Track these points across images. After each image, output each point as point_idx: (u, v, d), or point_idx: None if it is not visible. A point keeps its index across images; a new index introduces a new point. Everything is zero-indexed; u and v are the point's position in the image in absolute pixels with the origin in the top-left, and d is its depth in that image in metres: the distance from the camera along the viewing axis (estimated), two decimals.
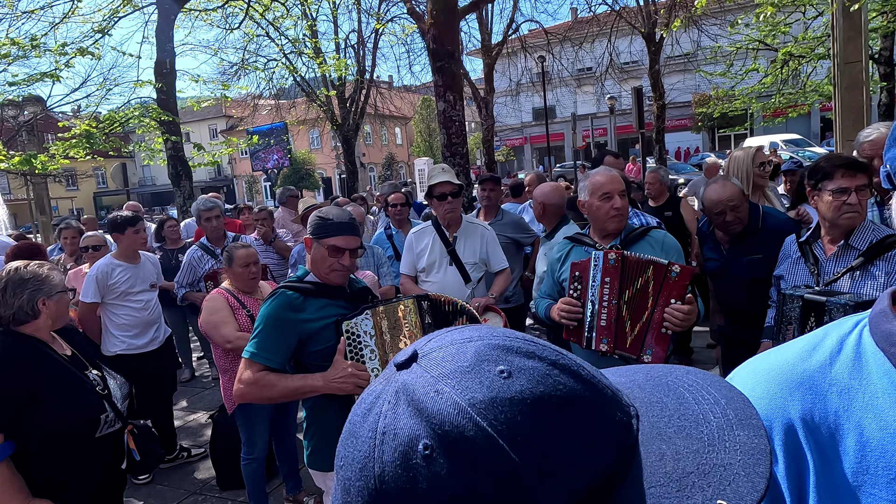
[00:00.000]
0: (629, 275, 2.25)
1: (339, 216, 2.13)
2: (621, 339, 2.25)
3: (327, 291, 2.11)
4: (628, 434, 0.41)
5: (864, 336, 0.63)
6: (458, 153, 8.25)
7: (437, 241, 3.47)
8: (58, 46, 8.55)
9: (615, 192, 2.42)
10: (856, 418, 0.60)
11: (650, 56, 17.27)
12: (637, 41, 19.18)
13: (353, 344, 2.00)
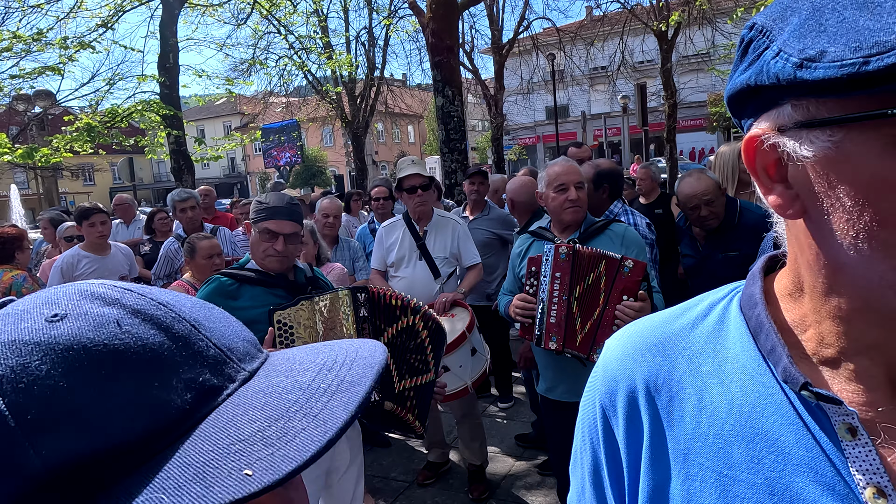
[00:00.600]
0: (581, 270, 2.14)
1: (277, 200, 2.10)
2: (571, 336, 2.15)
3: (266, 280, 2.06)
4: (206, 398, 0.38)
5: (734, 302, 0.59)
6: (457, 149, 8.16)
7: (408, 235, 3.41)
8: (60, 40, 8.59)
9: (570, 183, 2.32)
10: (699, 383, 0.56)
11: (662, 54, 16.98)
12: (650, 40, 18.89)
13: (285, 335, 1.95)
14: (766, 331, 0.53)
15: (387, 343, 2.02)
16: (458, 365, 2.97)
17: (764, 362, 0.53)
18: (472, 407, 3.46)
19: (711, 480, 0.53)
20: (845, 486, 0.47)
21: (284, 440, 0.36)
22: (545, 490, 3.35)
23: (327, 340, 1.93)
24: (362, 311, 1.99)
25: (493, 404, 4.68)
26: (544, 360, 2.47)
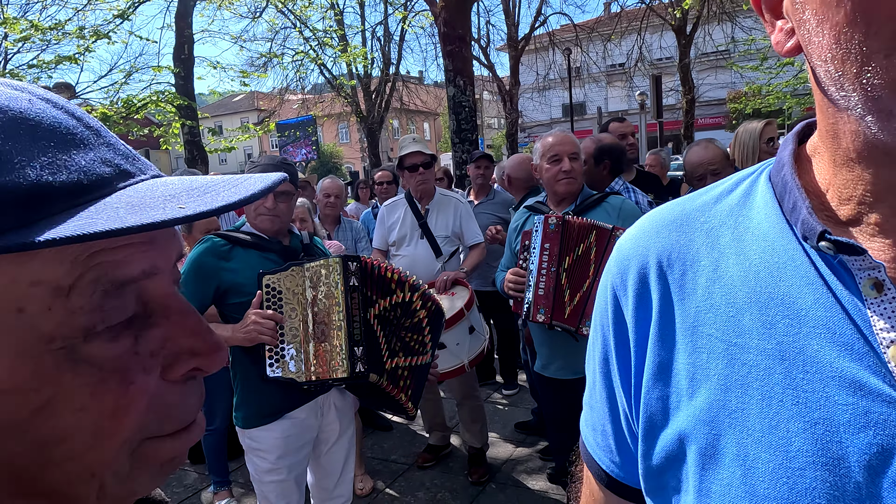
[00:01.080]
0: (570, 241, 2.08)
1: (267, 160, 2.07)
2: (559, 309, 2.09)
3: (259, 244, 2.02)
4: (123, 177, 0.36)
5: (764, 174, 0.54)
6: (468, 139, 8.10)
7: (409, 213, 3.37)
8: (76, 30, 8.68)
9: (564, 154, 2.26)
10: (716, 255, 0.52)
11: (680, 49, 16.77)
12: (668, 36, 18.64)
13: (274, 300, 1.92)
14: (789, 189, 0.49)
15: (377, 315, 1.98)
16: (456, 343, 2.93)
17: (787, 225, 0.49)
18: (473, 388, 3.41)
19: (719, 350, 0.48)
20: (865, 345, 0.42)
21: (209, 194, 0.35)
22: (546, 475, 3.29)
23: (316, 308, 1.90)
24: (353, 280, 1.93)
25: (498, 391, 4.63)
26: (539, 338, 2.42)
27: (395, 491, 3.28)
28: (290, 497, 2.06)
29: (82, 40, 8.89)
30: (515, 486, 3.25)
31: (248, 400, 2.01)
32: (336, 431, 2.15)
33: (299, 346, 1.90)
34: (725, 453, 0.46)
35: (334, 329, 1.88)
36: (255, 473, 2.06)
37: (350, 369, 1.85)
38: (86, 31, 8.91)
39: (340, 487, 2.23)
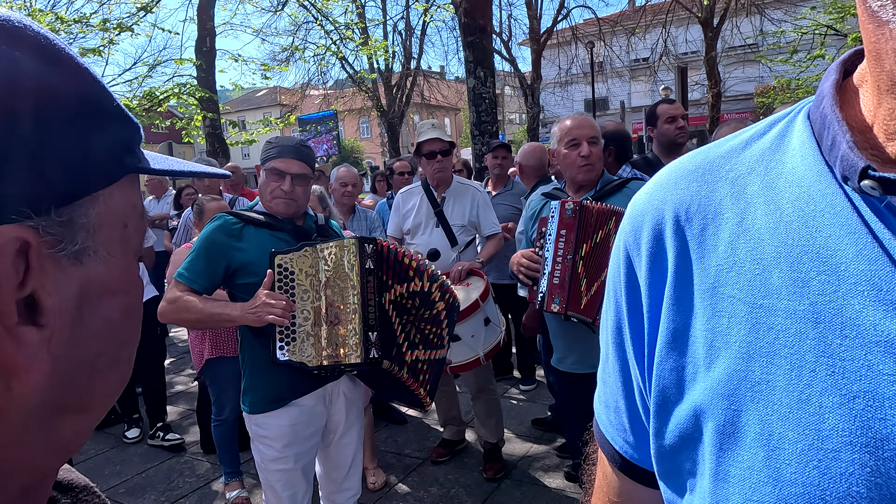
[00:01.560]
0: (588, 227, 1.98)
1: (285, 141, 2.01)
2: (575, 299, 1.98)
3: (272, 223, 1.98)
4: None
5: (802, 112, 0.46)
6: (488, 132, 7.98)
7: (425, 201, 3.28)
8: (100, 22, 8.76)
9: (583, 138, 2.15)
10: (742, 206, 0.45)
11: (706, 42, 16.40)
12: (694, 29, 18.27)
13: (285, 280, 1.85)
14: (828, 124, 0.41)
15: (392, 301, 1.91)
16: (471, 335, 2.85)
17: (825, 167, 0.41)
18: (488, 382, 3.33)
19: (742, 314, 0.42)
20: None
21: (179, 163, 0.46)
22: (564, 473, 3.19)
23: (329, 290, 1.81)
24: (368, 262, 1.85)
25: (515, 386, 4.53)
26: (555, 329, 2.32)
27: (408, 486, 3.21)
28: (295, 487, 2.00)
29: (106, 33, 8.97)
30: (532, 483, 3.15)
31: (256, 384, 1.96)
32: (344, 421, 2.09)
33: (311, 330, 1.83)
34: (747, 432, 0.40)
35: (348, 313, 1.82)
36: (261, 461, 2.01)
37: (364, 355, 1.79)
38: (109, 23, 8.98)
39: (350, 480, 2.16)
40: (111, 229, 0.36)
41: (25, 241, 0.30)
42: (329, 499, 2.19)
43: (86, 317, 0.34)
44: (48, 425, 0.34)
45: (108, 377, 0.37)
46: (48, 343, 0.32)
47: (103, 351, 0.36)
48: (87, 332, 0.35)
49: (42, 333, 0.32)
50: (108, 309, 0.36)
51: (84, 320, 0.34)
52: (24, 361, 0.31)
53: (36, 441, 0.34)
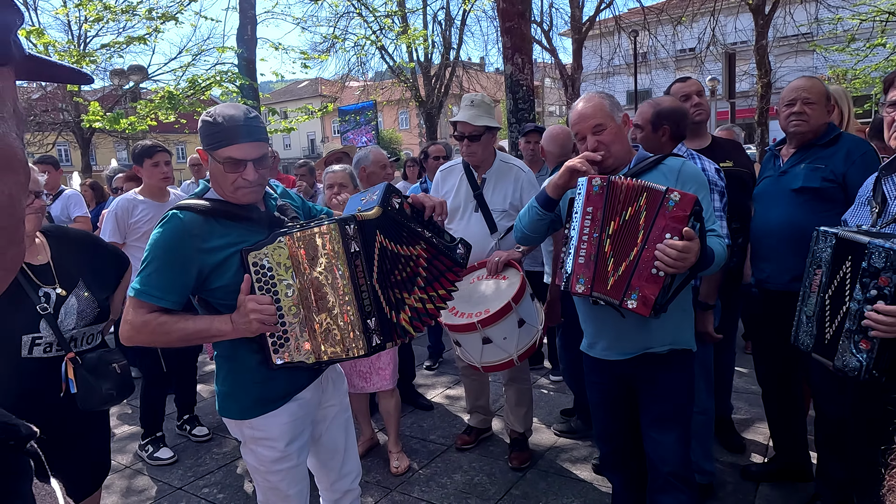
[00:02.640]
0: (616, 204, 1.86)
1: (231, 117, 1.64)
2: (601, 279, 1.86)
3: (234, 211, 1.69)
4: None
5: None
6: (524, 119, 7.83)
7: (465, 182, 3.09)
8: (146, 11, 8.96)
9: (585, 132, 2.03)
10: None
11: (757, 31, 15.74)
12: (744, 17, 17.56)
13: (264, 279, 1.64)
14: None
15: (378, 277, 1.68)
16: (503, 337, 2.72)
17: None
18: (521, 371, 3.22)
19: None
20: None
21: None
22: (592, 465, 3.09)
23: (317, 283, 1.61)
24: (353, 245, 1.62)
25: (545, 376, 4.43)
26: (584, 313, 2.22)
27: (431, 471, 3.16)
28: (301, 482, 1.86)
29: (152, 21, 9.17)
30: (558, 474, 3.06)
31: (245, 389, 1.76)
32: (335, 406, 1.97)
33: (303, 326, 1.65)
34: None
35: (342, 304, 1.63)
36: (260, 465, 1.81)
37: (367, 345, 1.64)
38: (155, 12, 9.18)
39: (348, 464, 2.02)
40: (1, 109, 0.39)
41: None
42: (331, 489, 2.03)
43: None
44: None
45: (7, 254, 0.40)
46: None
47: (4, 225, 0.39)
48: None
49: None
50: (7, 185, 0.39)
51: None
52: None
53: None
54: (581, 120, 2.04)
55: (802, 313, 1.95)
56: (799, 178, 2.49)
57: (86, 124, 10.19)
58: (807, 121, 2.47)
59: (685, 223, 1.73)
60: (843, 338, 1.76)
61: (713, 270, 1.96)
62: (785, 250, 2.47)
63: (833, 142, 2.49)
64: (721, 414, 3.27)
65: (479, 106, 3.03)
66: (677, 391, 2.09)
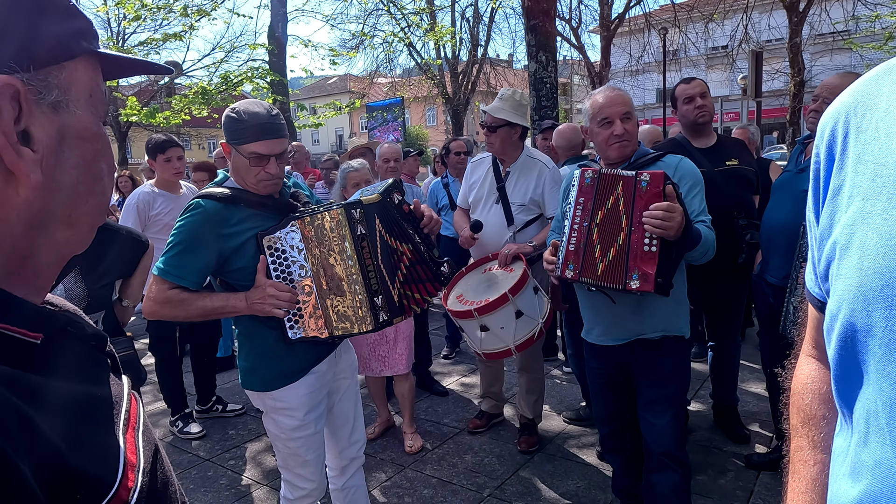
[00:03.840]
0: (603, 195, 1.98)
1: (255, 115, 1.78)
2: (589, 266, 1.98)
3: (253, 199, 1.84)
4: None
5: None
6: (548, 116, 7.90)
7: (490, 174, 3.20)
8: (181, 9, 9.26)
9: (616, 115, 2.12)
10: (892, 96, 0.60)
11: (791, 28, 15.46)
12: (778, 14, 17.24)
13: (279, 260, 1.79)
14: None
15: (383, 257, 1.85)
16: (500, 326, 2.82)
17: None
18: (534, 361, 3.34)
19: (869, 172, 0.58)
20: None
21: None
22: (597, 452, 3.20)
23: (326, 263, 1.80)
24: (360, 228, 1.78)
25: (559, 368, 4.54)
26: (583, 301, 2.34)
27: (443, 452, 3.31)
28: (319, 448, 2.02)
29: (187, 18, 9.48)
30: (564, 458, 3.18)
31: (267, 363, 1.91)
32: (347, 378, 2.12)
33: (316, 304, 1.81)
34: (853, 244, 0.58)
35: (350, 283, 1.78)
36: (280, 433, 1.95)
37: (374, 321, 1.79)
38: (190, 9, 9.49)
39: (356, 433, 2.18)
40: (78, 93, 0.52)
41: (16, 88, 0.46)
42: (340, 456, 2.18)
43: (66, 153, 0.51)
44: (48, 230, 0.51)
45: (88, 201, 0.54)
46: (40, 163, 0.49)
47: (82, 180, 0.53)
48: (69, 163, 0.52)
49: (35, 156, 0.49)
50: (82, 150, 0.53)
51: (65, 155, 0.51)
52: (25, 170, 0.47)
53: (41, 239, 0.51)
54: (612, 104, 2.14)
55: (790, 304, 2.03)
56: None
57: (123, 118, 10.59)
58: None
59: (661, 197, 1.85)
60: None
61: (701, 252, 2.04)
62: (786, 248, 2.52)
63: None
64: (727, 404, 3.35)
65: (507, 100, 3.14)
66: (671, 376, 2.20)
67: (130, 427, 0.55)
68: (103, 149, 0.55)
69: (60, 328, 0.52)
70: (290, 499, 2.06)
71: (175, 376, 3.75)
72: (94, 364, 0.56)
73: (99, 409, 0.53)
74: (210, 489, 3.04)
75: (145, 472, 0.53)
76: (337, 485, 2.22)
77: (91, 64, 0.54)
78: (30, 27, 0.48)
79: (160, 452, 0.59)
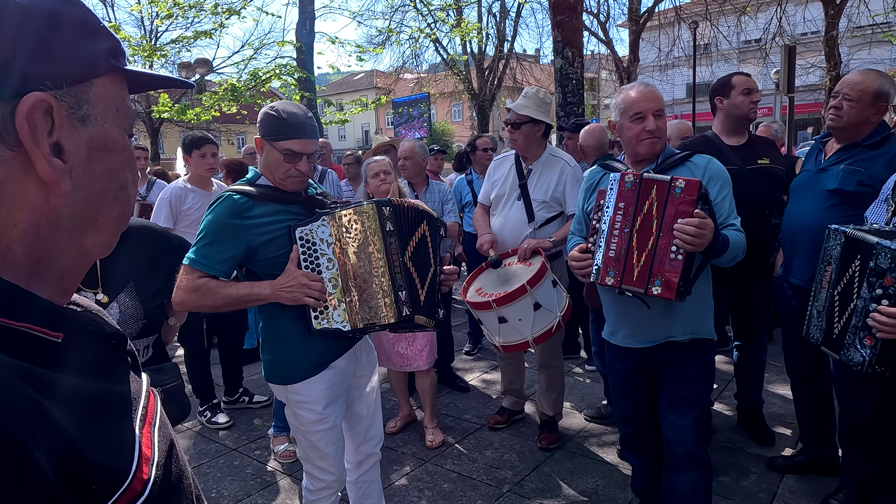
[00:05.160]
0: (643, 199, 1.97)
1: (294, 115, 1.88)
2: (629, 272, 1.97)
3: (280, 196, 1.92)
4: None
5: None
6: (573, 113, 7.85)
7: (513, 172, 3.23)
8: (212, 7, 9.43)
9: (649, 111, 2.10)
10: None
11: (827, 21, 15.03)
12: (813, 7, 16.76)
13: (308, 252, 1.87)
14: None
15: (410, 256, 1.93)
16: (518, 318, 2.84)
17: None
18: (554, 357, 3.35)
19: None
20: None
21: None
22: (617, 451, 3.19)
23: (354, 257, 1.87)
24: (388, 225, 1.86)
25: (581, 366, 4.53)
26: (608, 302, 2.33)
27: (463, 447, 3.34)
28: (338, 442, 2.07)
29: (217, 16, 9.65)
30: (584, 456, 3.18)
31: (289, 356, 1.97)
32: (367, 376, 2.17)
33: (340, 296, 1.87)
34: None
35: (376, 277, 1.85)
36: (301, 425, 2.01)
37: (397, 314, 1.85)
38: (220, 8, 9.66)
39: (373, 429, 2.22)
40: (106, 108, 0.56)
41: (49, 104, 0.50)
42: (356, 451, 2.23)
43: (94, 163, 0.55)
44: (76, 235, 0.55)
45: (114, 207, 0.58)
46: (70, 173, 0.53)
47: (108, 188, 0.57)
48: (96, 173, 0.56)
49: (66, 166, 0.53)
50: (109, 161, 0.57)
51: (93, 165, 0.55)
52: (56, 179, 0.51)
53: (69, 245, 0.55)
54: (646, 99, 2.13)
55: (813, 307, 2.01)
56: (835, 179, 2.44)
57: (156, 115, 10.84)
58: (841, 116, 2.43)
59: (694, 206, 1.84)
60: (850, 333, 1.82)
61: (729, 258, 2.03)
62: (810, 249, 2.45)
63: (879, 144, 2.40)
64: (751, 405, 3.31)
65: (531, 98, 3.18)
66: (697, 377, 2.18)
67: (147, 422, 0.58)
68: (128, 159, 0.59)
69: (81, 327, 0.56)
70: (311, 489, 2.11)
71: (203, 368, 3.86)
72: (114, 362, 0.59)
73: (116, 404, 0.55)
74: (236, 478, 3.12)
75: (159, 465, 0.56)
76: (352, 477, 2.27)
77: (118, 80, 0.58)
78: (63, 47, 0.51)
79: (175, 447, 0.61)
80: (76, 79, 0.52)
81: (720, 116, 3.04)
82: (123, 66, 0.58)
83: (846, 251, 1.84)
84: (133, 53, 10.77)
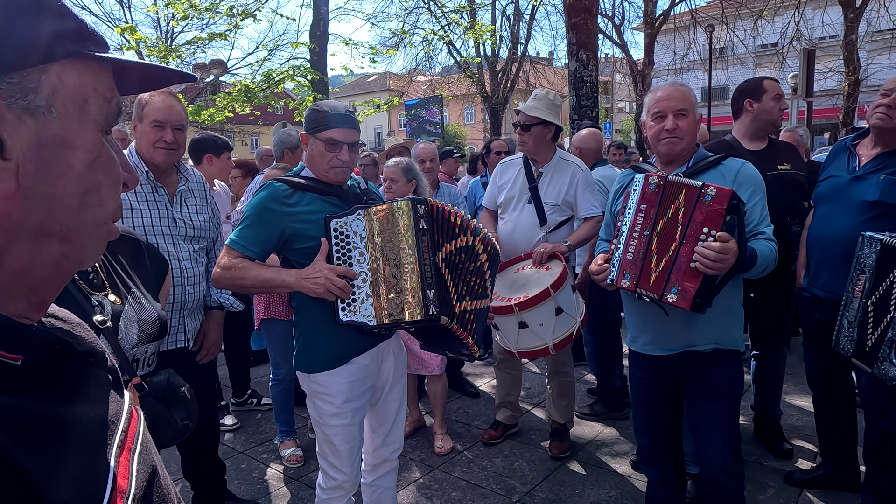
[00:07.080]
0: (667, 203, 1.90)
1: (335, 108, 1.98)
2: (646, 276, 1.92)
3: (321, 188, 1.99)
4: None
5: None
6: (587, 116, 7.78)
7: (522, 175, 3.18)
8: (227, 9, 9.48)
9: (670, 110, 2.03)
10: None
11: (846, 25, 14.82)
12: (832, 11, 16.52)
13: (341, 244, 1.90)
14: None
15: (444, 259, 1.94)
16: (539, 323, 2.79)
17: None
18: (564, 364, 3.29)
19: None
20: None
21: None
22: (630, 461, 3.12)
23: (386, 252, 1.88)
24: (421, 223, 1.87)
25: (591, 373, 4.46)
26: (629, 308, 2.27)
27: (472, 454, 3.29)
28: (353, 441, 2.06)
29: (232, 18, 9.70)
30: (596, 465, 3.12)
31: (316, 345, 2.01)
32: (392, 378, 2.15)
33: (369, 291, 1.88)
34: None
35: (406, 273, 1.85)
36: (319, 417, 2.05)
37: (424, 312, 1.84)
38: (235, 10, 9.70)
39: (393, 434, 2.22)
40: (67, 99, 0.48)
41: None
42: (374, 454, 2.22)
43: (50, 162, 0.47)
44: (38, 244, 0.48)
45: (81, 214, 0.49)
46: (15, 172, 0.45)
47: (70, 192, 0.48)
48: (52, 173, 0.47)
49: (7, 164, 0.44)
50: (70, 159, 0.48)
51: (48, 164, 0.47)
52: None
53: (32, 254, 0.48)
54: (668, 99, 2.07)
55: (844, 318, 1.94)
56: (876, 189, 2.26)
57: None
58: (892, 117, 2.26)
59: (722, 217, 1.77)
60: (885, 346, 1.75)
61: (757, 272, 1.96)
62: (842, 262, 2.29)
63: None
64: (769, 417, 3.23)
65: (541, 100, 3.14)
66: (724, 389, 2.10)
67: (126, 448, 0.52)
68: (100, 159, 0.50)
69: (47, 346, 0.49)
70: (323, 488, 2.11)
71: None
72: (89, 382, 0.53)
73: (87, 431, 0.49)
74: (243, 481, 3.09)
75: (136, 498, 0.49)
76: (367, 480, 2.26)
77: (89, 69, 0.49)
78: (3, 31, 0.44)
79: (158, 475, 0.55)
80: (18, 64, 0.44)
81: (745, 120, 2.95)
82: (91, 53, 0.49)
83: (883, 260, 1.76)
84: (149, 54, 10.84)
